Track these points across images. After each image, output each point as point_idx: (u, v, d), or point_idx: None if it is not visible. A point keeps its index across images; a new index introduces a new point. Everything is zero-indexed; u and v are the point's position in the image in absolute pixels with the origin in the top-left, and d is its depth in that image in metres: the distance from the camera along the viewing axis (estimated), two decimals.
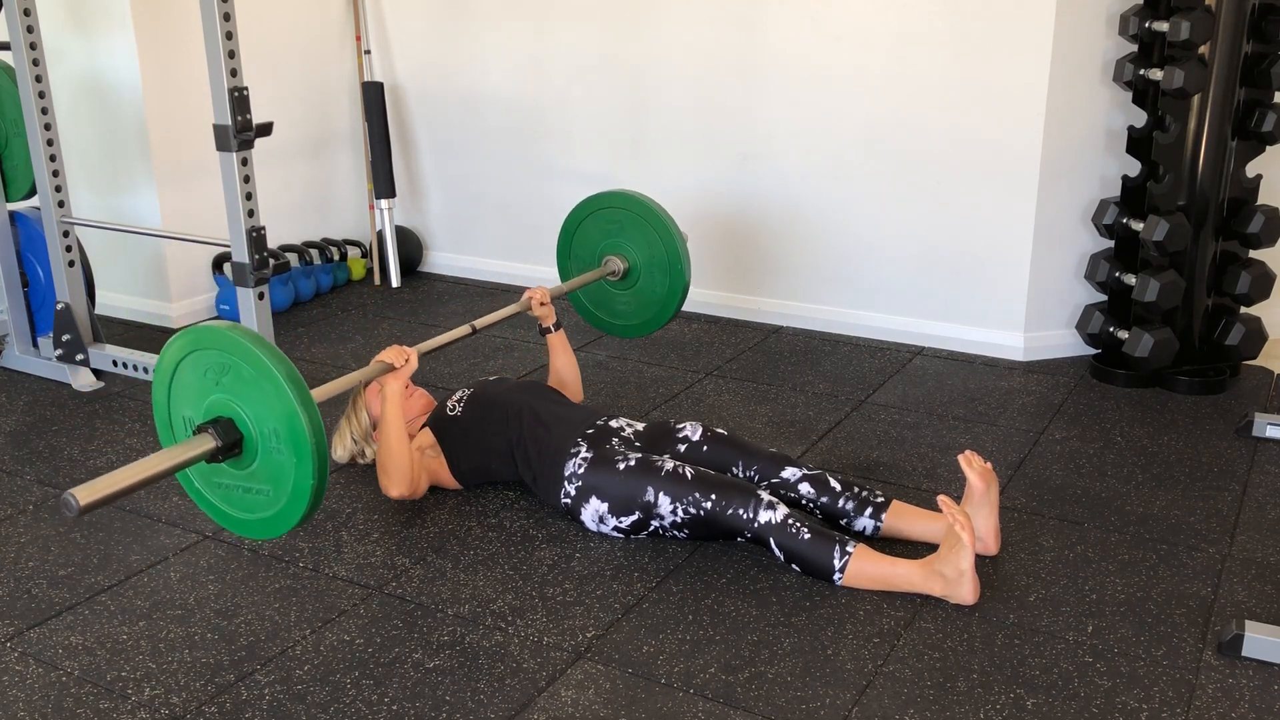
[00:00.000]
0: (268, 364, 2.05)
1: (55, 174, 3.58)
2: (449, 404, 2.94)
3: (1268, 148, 3.46)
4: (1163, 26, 3.35)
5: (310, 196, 4.84)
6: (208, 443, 2.10)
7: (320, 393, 2.36)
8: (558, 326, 3.25)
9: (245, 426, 2.12)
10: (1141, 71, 3.46)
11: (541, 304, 3.18)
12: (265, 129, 3.14)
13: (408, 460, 2.74)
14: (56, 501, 2.93)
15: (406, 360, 2.71)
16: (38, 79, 3.48)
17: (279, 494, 2.13)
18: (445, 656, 2.26)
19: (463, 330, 2.96)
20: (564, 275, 3.59)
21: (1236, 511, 2.79)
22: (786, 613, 2.39)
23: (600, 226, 3.46)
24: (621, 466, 2.63)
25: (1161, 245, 3.41)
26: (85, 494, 1.93)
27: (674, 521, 2.59)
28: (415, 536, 2.73)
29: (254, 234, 3.17)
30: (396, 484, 2.74)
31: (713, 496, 2.54)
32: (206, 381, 2.14)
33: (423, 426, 2.95)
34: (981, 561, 2.52)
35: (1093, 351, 3.79)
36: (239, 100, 3.03)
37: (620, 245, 3.44)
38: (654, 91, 4.27)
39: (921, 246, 3.93)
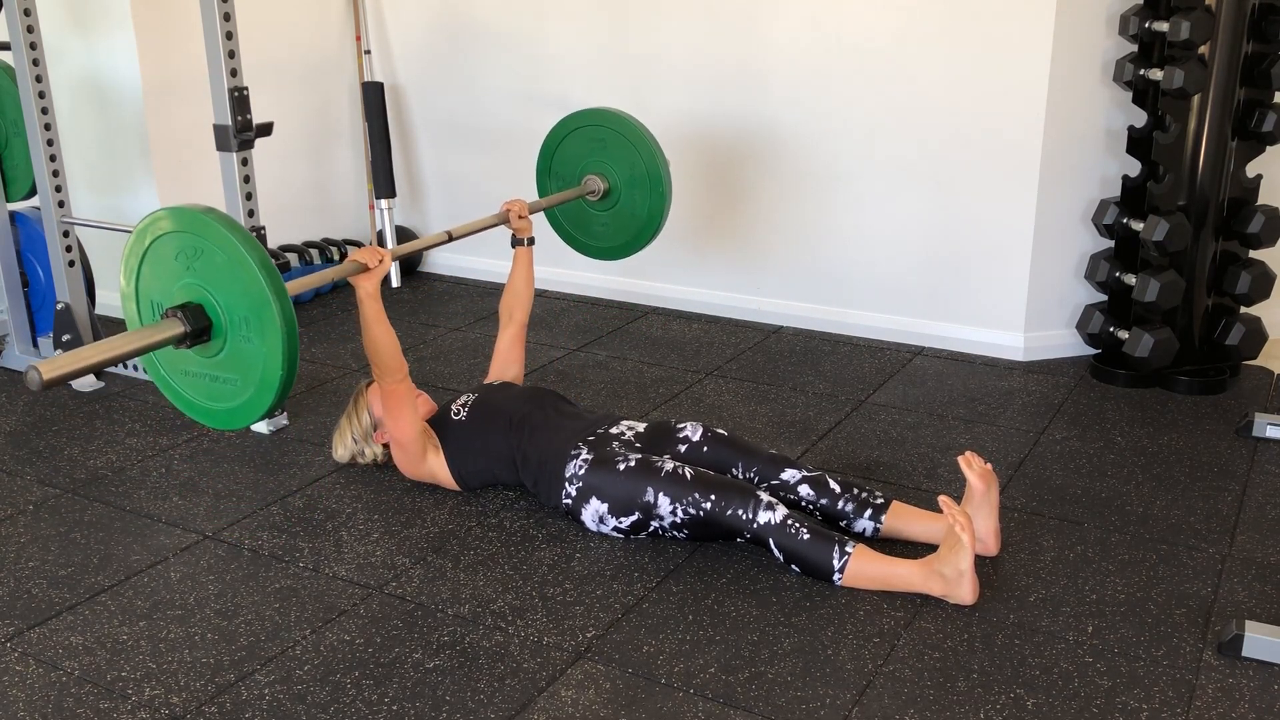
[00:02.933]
0: (241, 250, 1.99)
1: (55, 174, 3.59)
2: (453, 408, 2.93)
3: (1268, 148, 3.46)
4: (1163, 26, 3.35)
5: (310, 196, 4.84)
6: (176, 327, 2.06)
7: (293, 285, 2.31)
8: (531, 242, 3.25)
9: (215, 313, 2.07)
10: (1141, 71, 3.46)
11: (520, 216, 3.19)
12: (265, 129, 3.15)
13: (395, 345, 2.73)
14: (58, 504, 2.94)
15: (381, 261, 2.69)
16: (38, 79, 3.48)
17: (246, 384, 2.08)
18: (445, 656, 2.26)
19: (440, 236, 2.97)
20: (543, 193, 3.54)
21: (1236, 511, 2.80)
22: (786, 613, 2.39)
23: (583, 145, 3.39)
24: (622, 467, 2.64)
25: (1161, 245, 3.41)
26: (49, 368, 1.92)
27: (674, 522, 2.59)
28: (415, 536, 2.73)
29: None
30: (391, 370, 2.73)
31: (712, 497, 2.54)
32: (178, 266, 2.08)
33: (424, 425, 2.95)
34: (981, 561, 2.52)
35: (1093, 351, 3.79)
36: (239, 100, 3.04)
37: (602, 165, 3.39)
38: (654, 91, 4.27)
39: (921, 246, 3.94)
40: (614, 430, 2.81)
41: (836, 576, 2.44)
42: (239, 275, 2.01)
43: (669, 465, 2.61)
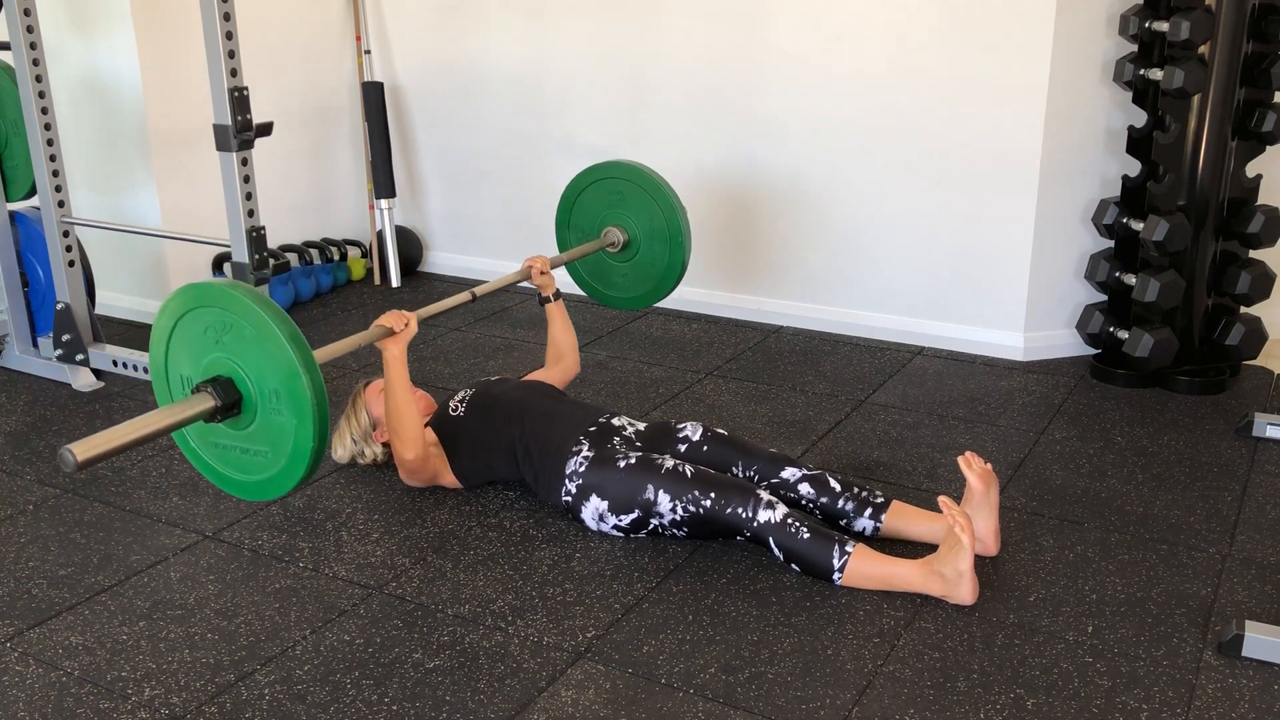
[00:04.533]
0: (270, 323, 2.01)
1: (55, 174, 3.59)
2: (451, 405, 2.94)
3: (1268, 148, 3.46)
4: (1163, 26, 3.35)
5: (310, 196, 4.84)
6: (206, 401, 2.07)
7: (321, 354, 2.32)
8: (557, 296, 3.24)
9: (245, 386, 2.08)
10: (1141, 71, 3.46)
11: (541, 272, 3.18)
12: (265, 129, 3.15)
13: (417, 420, 2.74)
14: (58, 504, 2.94)
15: (406, 324, 2.69)
16: (38, 79, 3.48)
17: (278, 456, 2.09)
18: (445, 656, 2.26)
19: (463, 297, 2.95)
20: (563, 245, 3.55)
21: (1236, 511, 2.79)
22: (786, 613, 2.39)
23: (601, 197, 3.41)
24: (622, 465, 2.64)
25: (1161, 245, 3.41)
26: (82, 449, 1.91)
27: (673, 520, 2.59)
28: (415, 536, 2.73)
29: (254, 234, 3.17)
30: (410, 445, 2.74)
31: (712, 495, 2.54)
32: (206, 340, 2.09)
33: (425, 427, 2.95)
34: (981, 561, 2.52)
35: (1093, 351, 3.79)
36: (239, 100, 3.03)
37: (621, 217, 3.40)
38: (655, 91, 4.27)
39: (922, 246, 3.94)
40: (615, 422, 2.81)
41: (836, 576, 2.44)
42: (268, 348, 2.03)
43: (669, 463, 2.61)
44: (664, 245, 3.36)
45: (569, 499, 2.70)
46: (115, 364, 3.68)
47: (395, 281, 4.82)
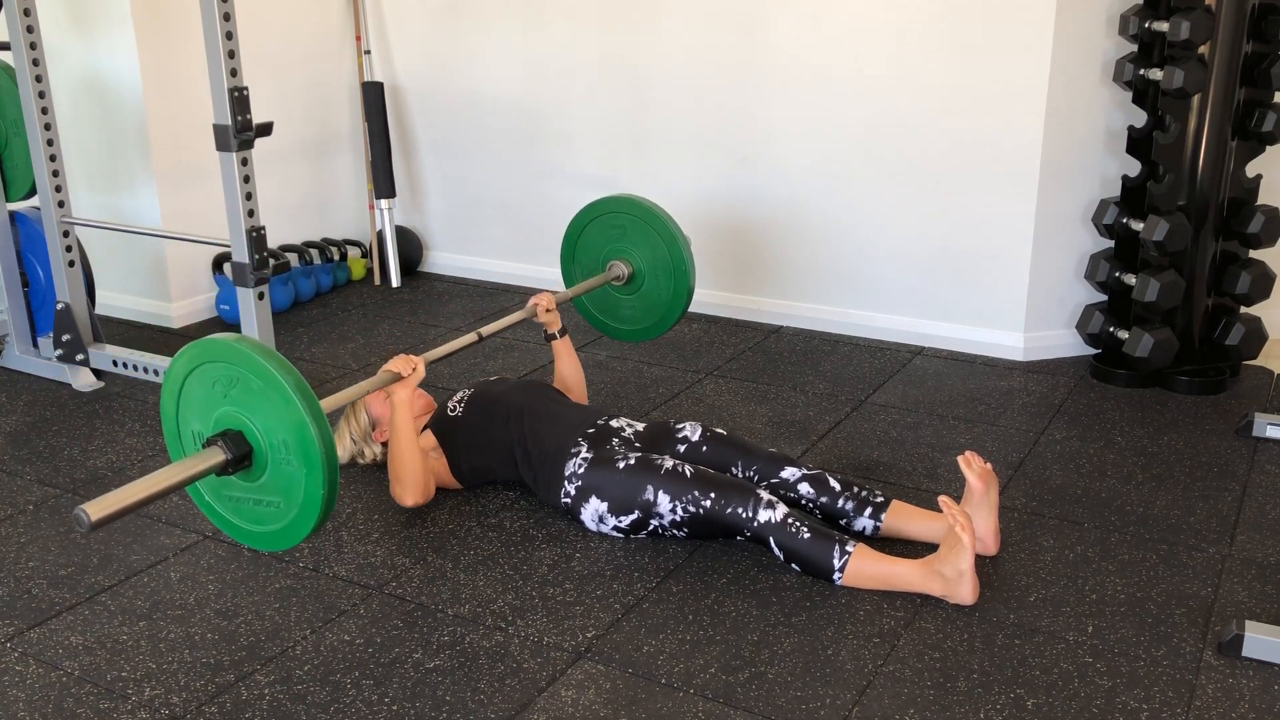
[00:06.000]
0: (276, 375, 2.04)
1: (55, 174, 3.58)
2: (450, 405, 2.94)
3: (1268, 148, 3.46)
4: (1163, 26, 3.35)
5: (310, 196, 4.84)
6: (217, 455, 2.09)
7: (328, 404, 2.36)
8: (563, 332, 3.24)
9: (254, 438, 2.11)
10: (1141, 71, 3.46)
11: (547, 310, 3.17)
12: (265, 129, 3.14)
13: (421, 469, 2.73)
14: (58, 504, 2.94)
15: (414, 369, 2.70)
16: (38, 79, 3.48)
17: (289, 505, 2.12)
18: (445, 656, 2.26)
19: (469, 338, 2.95)
20: (568, 280, 3.58)
21: (1236, 511, 2.79)
22: (786, 613, 2.39)
23: (604, 232, 3.45)
24: (621, 466, 2.64)
25: (1161, 245, 3.41)
26: (96, 509, 1.92)
27: (673, 520, 2.59)
28: (415, 536, 2.73)
29: (254, 234, 3.17)
30: (411, 493, 2.74)
31: (712, 495, 2.54)
32: (215, 394, 2.13)
33: (424, 428, 2.95)
34: (981, 561, 2.52)
35: (1093, 351, 3.79)
36: (239, 100, 3.03)
37: (624, 250, 3.43)
38: (654, 92, 4.27)
39: (921, 246, 3.93)
40: (614, 424, 2.81)
41: (836, 576, 2.44)
42: (275, 400, 2.06)
43: (669, 463, 2.61)
44: (668, 277, 3.39)
45: (568, 500, 2.70)
46: (115, 364, 3.68)
47: (395, 281, 4.82)
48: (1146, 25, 3.42)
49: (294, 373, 2.06)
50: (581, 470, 2.67)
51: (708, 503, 2.54)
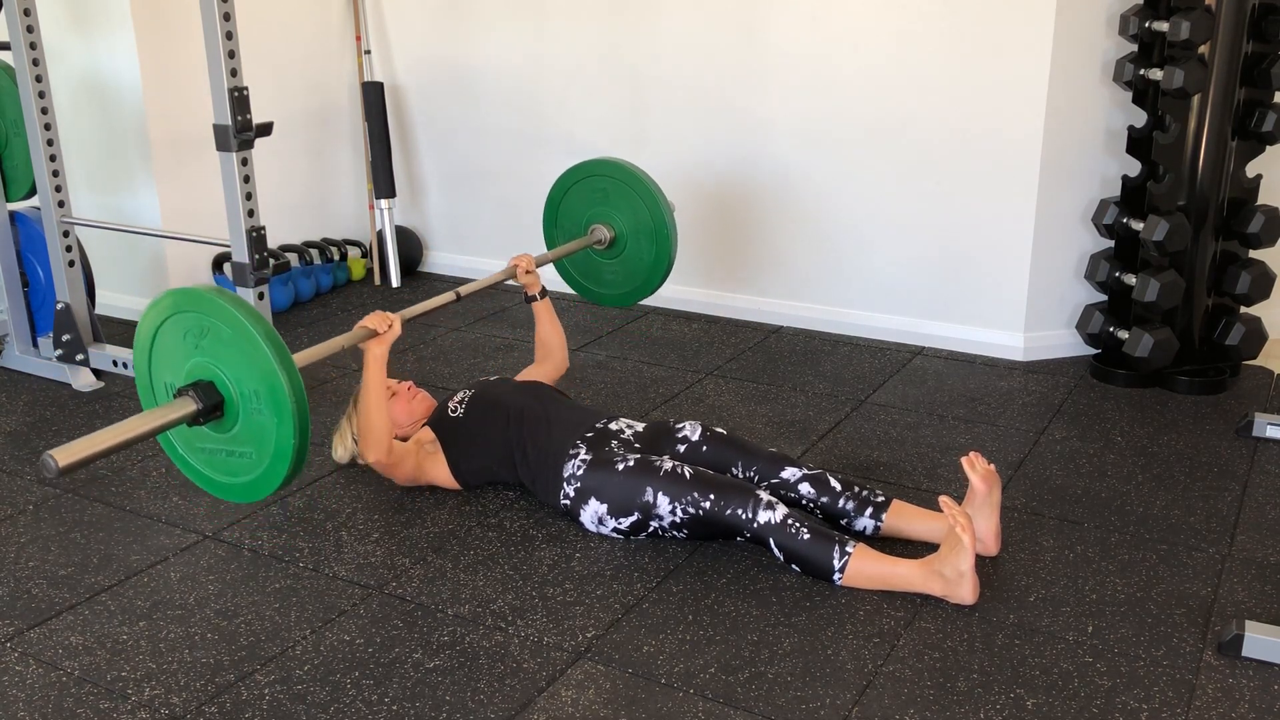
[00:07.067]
0: (246, 324, 2.03)
1: (55, 174, 3.58)
2: (450, 405, 2.94)
3: (1268, 148, 3.46)
4: (1163, 26, 3.35)
5: (310, 196, 4.84)
6: (188, 405, 2.09)
7: (303, 356, 2.35)
8: (543, 294, 3.25)
9: (226, 389, 2.10)
10: (1141, 71, 3.46)
11: (527, 271, 3.18)
12: (265, 129, 3.15)
13: (386, 426, 2.73)
14: (58, 504, 2.94)
15: (390, 326, 2.70)
16: (38, 79, 3.48)
17: (261, 456, 2.12)
18: (445, 656, 2.26)
19: (447, 297, 2.96)
20: (551, 245, 3.56)
21: (1236, 511, 2.79)
22: (786, 613, 2.39)
23: (586, 195, 3.42)
24: (620, 467, 2.63)
25: (1161, 245, 3.41)
26: (64, 455, 1.92)
27: (673, 522, 2.59)
28: (415, 536, 2.73)
29: (254, 234, 3.17)
30: (373, 447, 2.74)
31: (711, 496, 2.54)
32: (186, 345, 2.12)
33: (424, 426, 2.95)
34: (981, 561, 2.52)
35: (1093, 351, 3.79)
36: (239, 100, 3.03)
37: (606, 214, 3.41)
38: (654, 91, 4.27)
39: (921, 246, 3.93)
40: (613, 426, 2.81)
41: (836, 576, 2.44)
42: (246, 350, 2.06)
43: (668, 464, 2.61)
44: (650, 241, 3.37)
45: (568, 502, 2.70)
46: (115, 364, 3.67)
47: (395, 281, 4.82)
48: (1146, 25, 3.42)
49: (265, 322, 2.06)
50: (580, 472, 2.67)
51: (707, 504, 2.54)
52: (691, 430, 2.80)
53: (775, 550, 2.49)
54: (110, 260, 4.30)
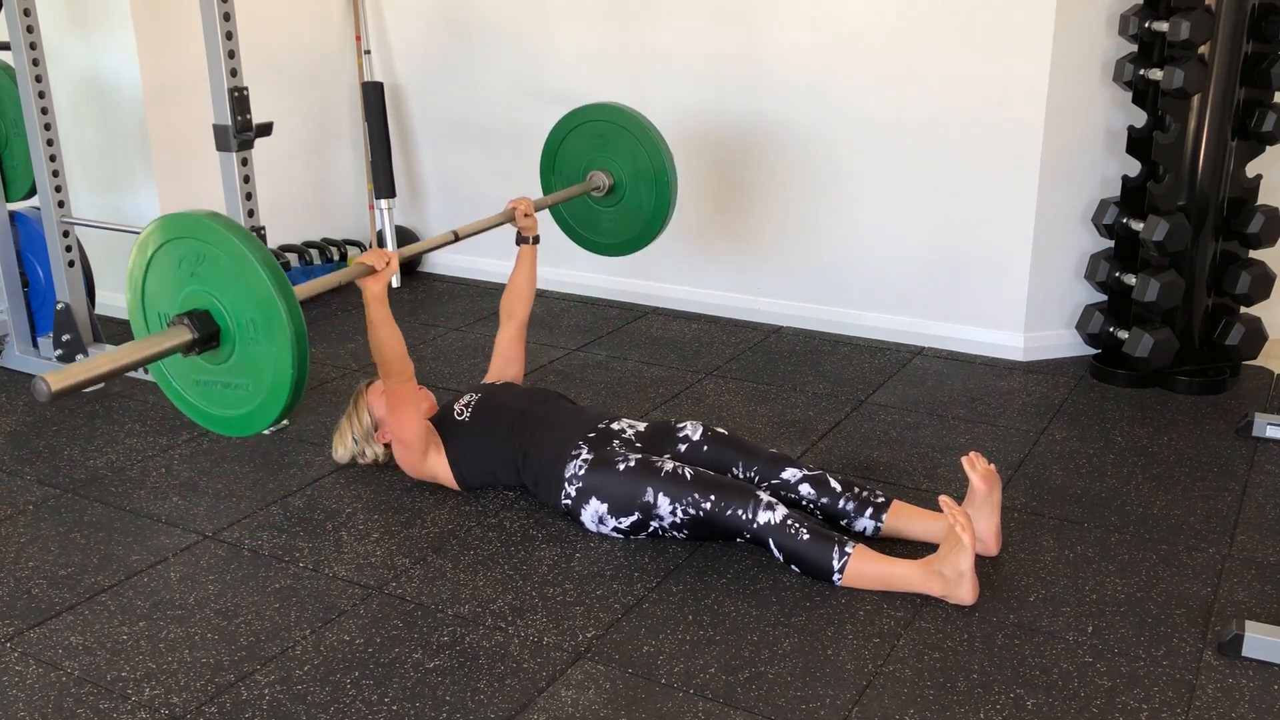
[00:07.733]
0: (244, 249, 1.96)
1: (55, 174, 3.59)
2: (456, 408, 2.93)
3: (1268, 148, 3.46)
4: (1163, 26, 3.35)
5: (310, 196, 4.84)
6: (183, 334, 2.03)
7: (300, 290, 2.28)
8: (536, 240, 3.25)
9: (222, 318, 2.04)
10: (1141, 71, 3.46)
11: (525, 215, 3.18)
12: (265, 129, 3.15)
13: (403, 350, 2.71)
14: (59, 504, 2.94)
15: (388, 263, 2.67)
16: (38, 79, 3.48)
17: (258, 387, 2.06)
18: (445, 656, 2.26)
19: (445, 236, 2.97)
20: (548, 192, 3.53)
21: (1236, 511, 2.79)
22: (786, 613, 2.39)
23: (585, 141, 3.38)
24: (621, 467, 2.63)
25: (1161, 245, 3.41)
26: (57, 379, 1.89)
27: (673, 522, 2.59)
28: (415, 536, 2.73)
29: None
30: (397, 372, 2.71)
31: (712, 497, 2.54)
32: (181, 273, 2.05)
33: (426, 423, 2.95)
34: (981, 561, 2.52)
35: (1093, 351, 3.79)
36: (239, 100, 3.04)
37: (605, 160, 3.37)
38: (654, 90, 4.27)
39: (921, 246, 3.93)
40: (615, 427, 2.81)
41: (836, 576, 2.44)
42: (243, 276, 1.99)
43: (669, 465, 2.61)
44: (650, 187, 3.32)
45: (568, 502, 2.70)
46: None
47: (395, 282, 4.78)
48: (1146, 25, 3.42)
49: (263, 249, 1.99)
50: (582, 472, 2.67)
51: (707, 505, 2.54)
52: (693, 430, 2.81)
53: (775, 551, 2.49)
54: (110, 260, 4.30)
